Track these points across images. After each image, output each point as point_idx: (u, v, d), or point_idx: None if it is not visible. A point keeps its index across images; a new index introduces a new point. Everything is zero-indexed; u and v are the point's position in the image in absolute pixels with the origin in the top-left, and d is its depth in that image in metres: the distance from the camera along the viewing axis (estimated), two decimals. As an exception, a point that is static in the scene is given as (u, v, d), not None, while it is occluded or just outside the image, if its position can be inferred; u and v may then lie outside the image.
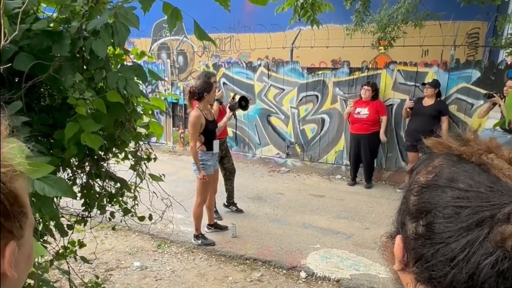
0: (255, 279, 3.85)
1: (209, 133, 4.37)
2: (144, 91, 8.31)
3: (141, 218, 2.53)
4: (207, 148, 4.40)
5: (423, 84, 5.95)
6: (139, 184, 2.62)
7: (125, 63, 2.40)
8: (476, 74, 5.98)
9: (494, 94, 5.32)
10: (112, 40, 1.90)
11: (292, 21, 5.27)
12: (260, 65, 7.55)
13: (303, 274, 3.92)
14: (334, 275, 3.87)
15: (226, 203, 5.36)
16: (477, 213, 0.49)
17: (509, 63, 6.01)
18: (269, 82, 7.47)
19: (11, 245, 0.58)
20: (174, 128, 8.70)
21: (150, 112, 2.69)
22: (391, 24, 7.21)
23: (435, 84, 5.83)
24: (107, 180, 2.49)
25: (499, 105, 5.26)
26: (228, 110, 4.81)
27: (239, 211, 5.33)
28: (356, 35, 7.51)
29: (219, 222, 4.88)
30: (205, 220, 4.63)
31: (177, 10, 2.14)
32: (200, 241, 4.45)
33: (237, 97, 4.96)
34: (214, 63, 8.08)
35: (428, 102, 5.84)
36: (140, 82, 2.26)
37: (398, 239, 0.60)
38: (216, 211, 5.05)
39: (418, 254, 0.55)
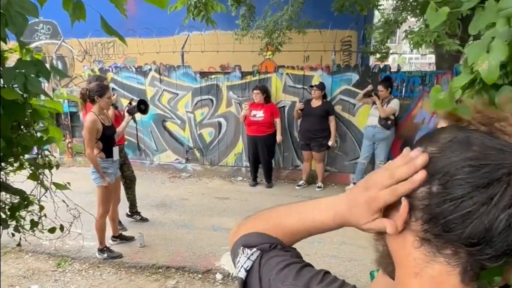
0: (170, 287, 3.71)
1: (107, 139, 4.09)
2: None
3: (52, 230, 2.26)
4: (106, 155, 4.12)
5: (311, 86, 6.35)
6: (43, 194, 2.35)
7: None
8: (355, 77, 6.58)
9: (373, 94, 5.93)
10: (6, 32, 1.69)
11: (186, 20, 5.23)
12: (151, 69, 7.31)
13: (219, 276, 3.89)
14: (250, 272, 3.91)
15: (129, 213, 5.06)
16: (496, 170, 0.54)
17: (381, 67, 6.78)
18: (162, 87, 7.28)
19: None
20: (58, 139, 7.91)
21: (48, 115, 2.43)
22: (277, 30, 7.62)
23: (321, 86, 6.27)
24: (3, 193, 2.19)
25: (376, 103, 5.88)
26: (126, 114, 4.58)
27: (144, 220, 5.07)
28: (245, 40, 7.77)
29: (124, 233, 4.58)
30: (108, 232, 4.31)
31: (80, 3, 1.99)
32: (105, 255, 4.13)
33: (134, 102, 4.76)
34: (101, 68, 7.60)
35: (316, 103, 6.26)
36: (43, 79, 2.04)
37: (405, 201, 0.61)
38: (120, 222, 4.73)
39: (433, 212, 0.57)
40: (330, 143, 6.22)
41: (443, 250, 0.58)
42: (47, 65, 1.90)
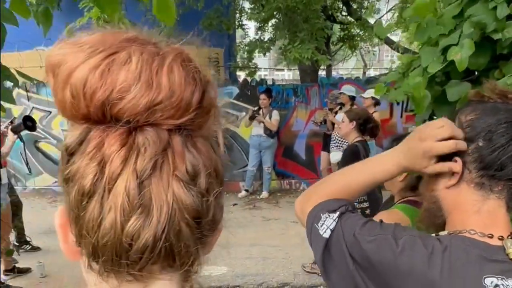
0: (89, 312, 3.47)
1: (-9, 161, 3.66)
2: None
3: (9, 253, 2.06)
4: (-7, 179, 3.67)
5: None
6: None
7: None
8: (235, 90, 7.01)
9: (256, 115, 6.32)
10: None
11: None
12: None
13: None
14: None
15: (16, 243, 4.48)
16: None
17: (258, 80, 7.38)
18: (31, 105, 6.64)
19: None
20: None
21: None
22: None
23: (206, 100, 6.52)
24: None
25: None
26: (10, 133, 4.11)
27: (35, 249, 4.57)
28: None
29: (17, 265, 4.07)
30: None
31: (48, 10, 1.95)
32: (3, 292, 3.64)
33: (18, 120, 4.34)
34: None
35: (201, 116, 6.47)
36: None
37: (459, 159, 0.82)
38: (9, 255, 4.19)
39: (486, 160, 0.79)
40: (219, 153, 6.47)
41: (495, 187, 0.79)
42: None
